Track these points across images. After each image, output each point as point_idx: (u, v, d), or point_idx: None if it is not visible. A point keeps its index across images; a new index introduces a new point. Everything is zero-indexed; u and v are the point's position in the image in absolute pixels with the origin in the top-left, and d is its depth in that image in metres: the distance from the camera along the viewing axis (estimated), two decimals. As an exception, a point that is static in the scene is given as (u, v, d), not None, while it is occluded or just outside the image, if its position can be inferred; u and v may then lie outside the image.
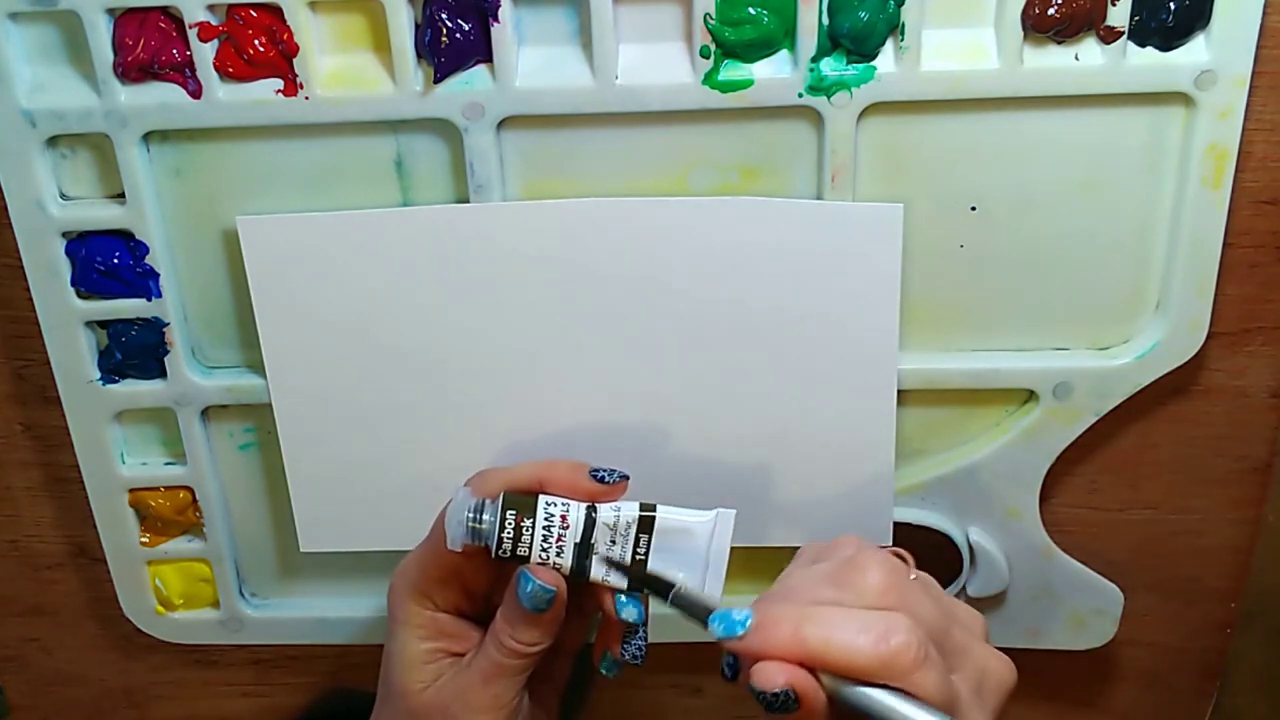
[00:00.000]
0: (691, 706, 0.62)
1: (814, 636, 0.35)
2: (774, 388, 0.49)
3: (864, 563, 0.37)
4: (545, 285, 0.47)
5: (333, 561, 0.55)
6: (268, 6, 0.44)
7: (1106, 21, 0.43)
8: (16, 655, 0.62)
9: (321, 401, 0.50)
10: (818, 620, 0.35)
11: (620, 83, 0.45)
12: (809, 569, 0.39)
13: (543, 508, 0.42)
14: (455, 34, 0.44)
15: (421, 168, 0.47)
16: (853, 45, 0.44)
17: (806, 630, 0.35)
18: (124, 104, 0.46)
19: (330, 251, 0.47)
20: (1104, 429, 0.51)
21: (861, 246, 0.46)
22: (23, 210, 0.48)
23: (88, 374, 0.51)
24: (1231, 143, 0.45)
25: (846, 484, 0.50)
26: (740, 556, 0.55)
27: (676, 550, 0.42)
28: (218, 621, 0.57)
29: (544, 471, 0.43)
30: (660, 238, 0.46)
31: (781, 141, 0.46)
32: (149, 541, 0.55)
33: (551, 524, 0.42)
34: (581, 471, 0.43)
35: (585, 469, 0.43)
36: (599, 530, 0.42)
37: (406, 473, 0.51)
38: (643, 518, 0.42)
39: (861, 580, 0.37)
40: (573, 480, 0.43)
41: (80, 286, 0.49)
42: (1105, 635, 0.55)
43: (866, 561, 0.37)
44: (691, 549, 0.42)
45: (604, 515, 0.42)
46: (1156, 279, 0.48)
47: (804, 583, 0.38)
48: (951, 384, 0.50)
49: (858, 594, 0.37)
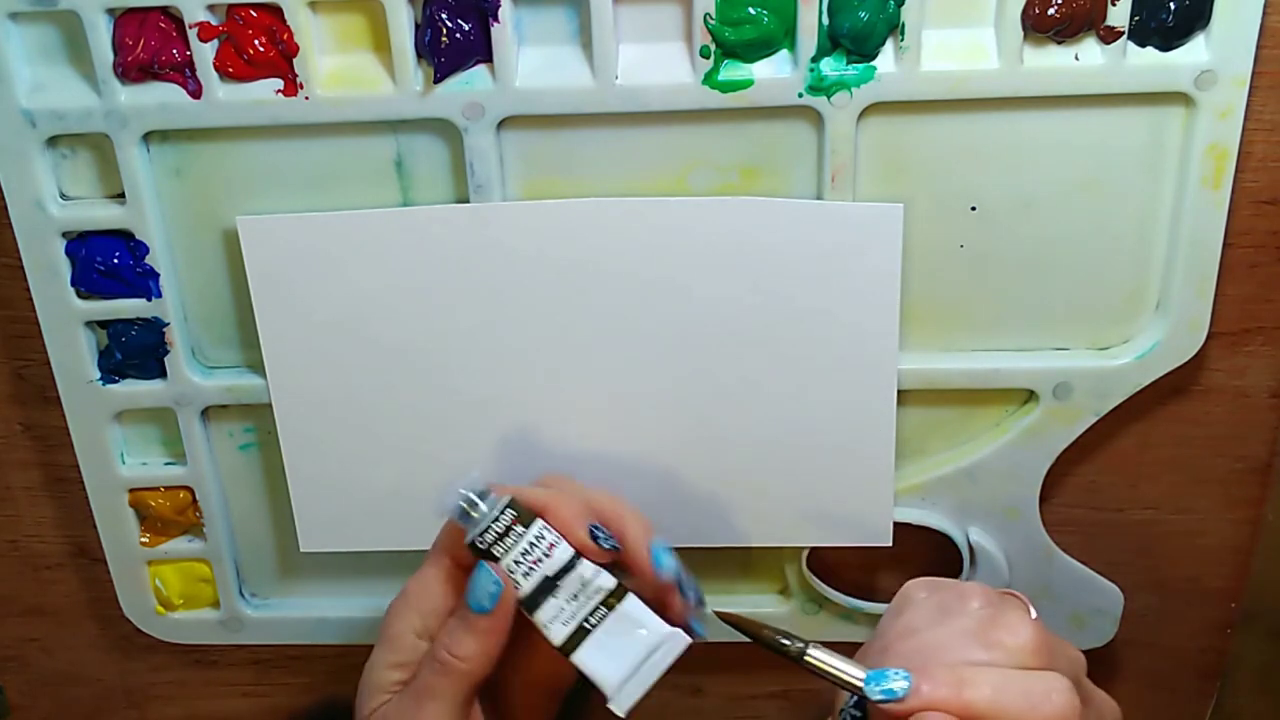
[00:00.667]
0: (691, 707, 0.62)
1: (979, 700, 0.36)
2: (774, 387, 0.49)
3: (1013, 624, 0.38)
4: (545, 285, 0.47)
5: (333, 562, 0.55)
6: (268, 6, 0.44)
7: (1106, 21, 0.43)
8: (16, 655, 0.62)
9: (321, 401, 0.50)
10: (980, 683, 0.36)
11: (620, 83, 0.45)
12: (945, 625, 0.39)
13: (539, 527, 0.42)
14: (455, 34, 0.44)
15: (421, 168, 0.47)
16: (853, 45, 0.44)
17: (970, 694, 0.36)
18: (124, 104, 0.46)
19: (330, 251, 0.47)
20: (1104, 429, 0.51)
21: (862, 246, 0.46)
22: (23, 210, 0.48)
23: (88, 374, 0.51)
24: (1231, 143, 0.45)
25: (846, 483, 0.50)
26: (739, 556, 0.55)
27: (621, 638, 0.42)
28: (218, 621, 0.57)
29: (550, 501, 0.43)
30: (660, 238, 0.46)
31: (781, 141, 0.46)
32: (149, 541, 0.55)
33: (538, 546, 0.42)
34: (582, 520, 0.43)
35: (587, 519, 0.43)
36: (571, 578, 0.42)
37: (406, 472, 0.51)
38: (614, 590, 0.42)
39: (1013, 641, 0.38)
40: (571, 523, 0.42)
41: (80, 286, 0.49)
42: (1105, 635, 0.55)
43: (1015, 622, 0.38)
44: (634, 647, 0.42)
45: (584, 569, 0.42)
46: (1156, 279, 0.48)
47: (949, 642, 0.38)
48: (951, 384, 0.50)
49: (1009, 655, 0.37)
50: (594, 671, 0.41)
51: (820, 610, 0.55)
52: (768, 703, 0.61)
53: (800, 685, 0.61)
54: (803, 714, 0.62)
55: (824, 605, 0.55)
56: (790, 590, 0.55)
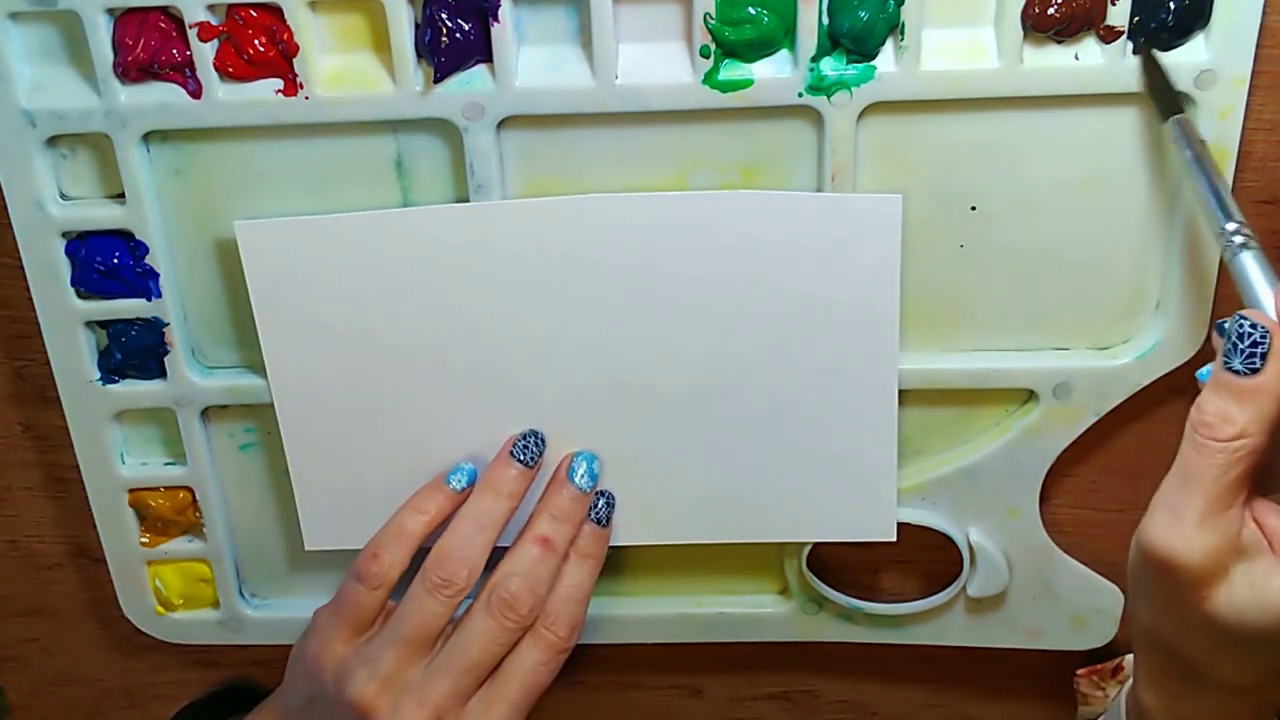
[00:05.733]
0: (691, 707, 0.62)
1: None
2: (775, 381, 0.49)
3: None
4: (545, 282, 0.47)
5: (333, 562, 0.55)
6: (268, 6, 0.44)
7: (1106, 21, 0.43)
8: (16, 655, 0.62)
9: (323, 402, 0.50)
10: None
11: (620, 83, 0.45)
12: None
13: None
14: (455, 34, 0.44)
15: (421, 168, 0.47)
16: (853, 45, 0.44)
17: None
18: (124, 104, 0.46)
19: (329, 254, 0.47)
20: (1104, 429, 0.51)
21: (861, 238, 0.46)
22: (23, 210, 0.48)
23: (88, 374, 0.51)
24: (1231, 143, 0.45)
25: (848, 477, 0.50)
26: (739, 556, 0.55)
27: None
28: (218, 621, 0.57)
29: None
30: (659, 233, 0.46)
31: (781, 141, 0.46)
32: (149, 542, 0.55)
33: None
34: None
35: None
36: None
37: (409, 470, 0.51)
38: None
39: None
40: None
41: (80, 286, 0.49)
42: (1105, 635, 0.55)
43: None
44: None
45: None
46: (1156, 279, 0.48)
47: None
48: (951, 384, 0.50)
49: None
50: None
51: (820, 610, 0.55)
52: (768, 703, 0.61)
53: (800, 685, 0.61)
54: (803, 714, 0.62)
55: (824, 605, 0.55)
56: (790, 590, 0.55)
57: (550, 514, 0.48)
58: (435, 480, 0.49)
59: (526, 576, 0.47)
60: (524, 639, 0.47)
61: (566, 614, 0.48)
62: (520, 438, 0.49)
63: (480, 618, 0.47)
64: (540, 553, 0.47)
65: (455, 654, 0.46)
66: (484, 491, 0.48)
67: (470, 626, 0.47)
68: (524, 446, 0.49)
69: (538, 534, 0.48)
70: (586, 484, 0.49)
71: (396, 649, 0.46)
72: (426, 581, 0.47)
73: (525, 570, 0.47)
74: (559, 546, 0.48)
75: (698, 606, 0.56)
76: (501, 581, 0.47)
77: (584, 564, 0.49)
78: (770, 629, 0.56)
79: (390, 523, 0.49)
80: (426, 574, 0.47)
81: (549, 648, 0.47)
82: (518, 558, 0.47)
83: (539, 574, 0.47)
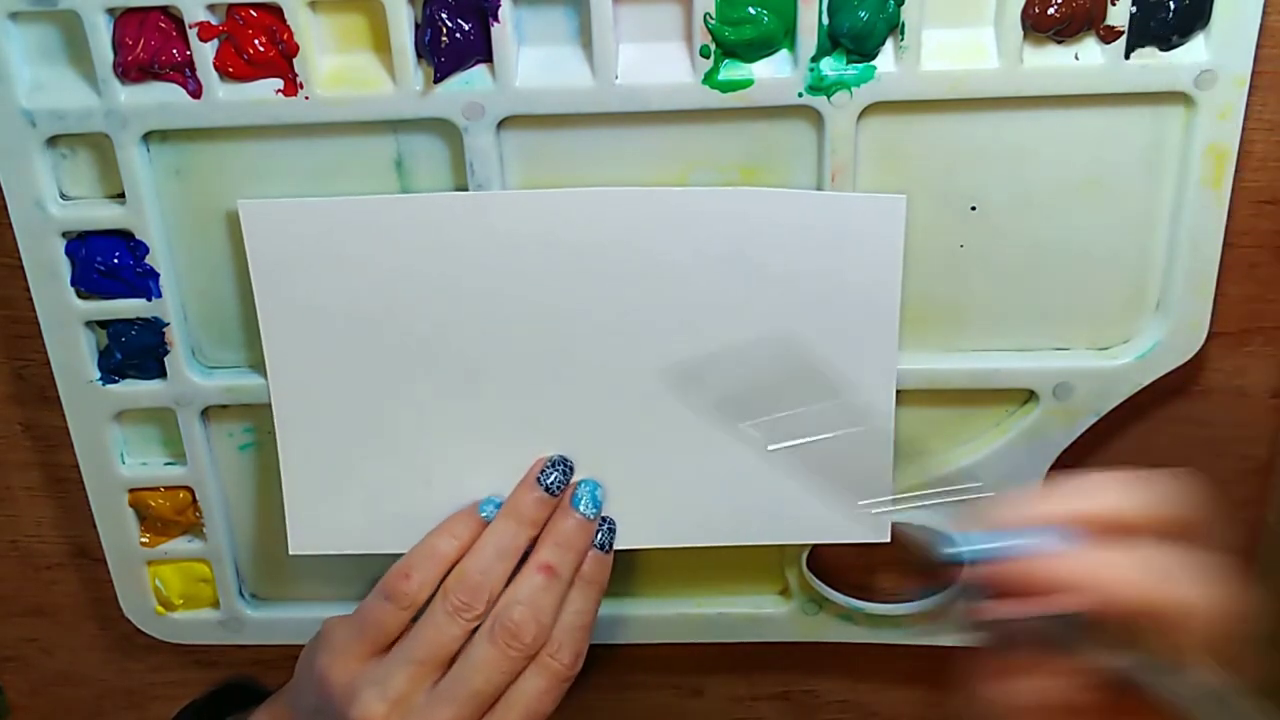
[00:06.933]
0: (691, 707, 0.62)
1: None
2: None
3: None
4: (547, 275, 0.47)
5: (333, 562, 0.55)
6: (268, 6, 0.44)
7: (1106, 21, 0.43)
8: (16, 655, 0.62)
9: (320, 392, 0.49)
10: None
11: (620, 82, 0.45)
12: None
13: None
14: (455, 34, 0.44)
15: (421, 168, 0.47)
16: (853, 45, 0.44)
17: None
18: (124, 104, 0.46)
19: (332, 237, 0.47)
20: (1104, 429, 0.51)
21: (864, 237, 0.46)
22: (23, 210, 0.48)
23: (88, 374, 0.51)
24: (1231, 142, 0.45)
25: (845, 477, 0.50)
26: (739, 556, 0.55)
27: None
28: (218, 621, 0.57)
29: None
30: (660, 228, 0.46)
31: (781, 141, 0.46)
32: (149, 542, 0.55)
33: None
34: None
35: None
36: None
37: (403, 470, 0.51)
38: None
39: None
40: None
41: (80, 286, 0.49)
42: (1105, 635, 0.55)
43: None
44: None
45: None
46: (1156, 279, 0.48)
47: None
48: (951, 384, 0.50)
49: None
50: None
51: (820, 610, 0.55)
52: (768, 703, 0.61)
53: (800, 685, 0.61)
54: (803, 714, 0.62)
55: (824, 605, 0.55)
56: (790, 590, 0.55)
57: (554, 541, 0.48)
58: (470, 508, 0.49)
59: (530, 605, 0.46)
60: (528, 667, 0.46)
61: (571, 642, 0.47)
62: (549, 464, 0.49)
63: (484, 646, 0.46)
64: (544, 580, 0.47)
65: (459, 682, 0.45)
66: (507, 517, 0.48)
67: (474, 655, 0.46)
68: (550, 473, 0.48)
69: (542, 562, 0.47)
70: (590, 511, 0.48)
71: (410, 670, 0.45)
72: (448, 604, 0.46)
73: (529, 599, 0.46)
74: (563, 574, 0.47)
75: (698, 607, 0.56)
76: (505, 610, 0.46)
77: (587, 590, 0.48)
78: (770, 629, 0.56)
79: (423, 543, 0.48)
80: (448, 596, 0.46)
81: (553, 676, 0.46)
82: (521, 586, 0.47)
83: (543, 603, 0.46)
